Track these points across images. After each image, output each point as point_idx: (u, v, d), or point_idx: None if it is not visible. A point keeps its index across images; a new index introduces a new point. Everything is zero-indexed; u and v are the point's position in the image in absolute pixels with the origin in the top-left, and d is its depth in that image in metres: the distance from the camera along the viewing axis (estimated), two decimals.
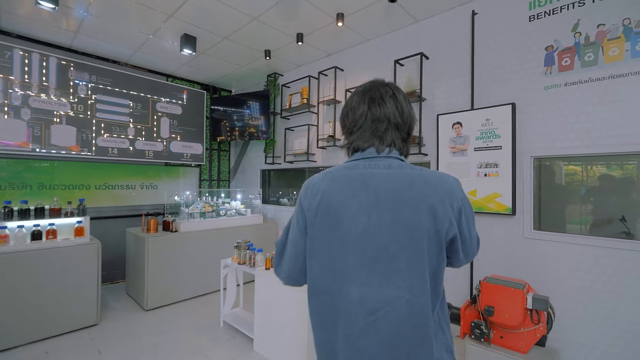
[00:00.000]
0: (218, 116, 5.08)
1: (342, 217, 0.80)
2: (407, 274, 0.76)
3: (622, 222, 2.21)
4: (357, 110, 0.89)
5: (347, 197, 0.81)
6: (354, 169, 0.85)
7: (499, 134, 2.57)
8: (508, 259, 2.54)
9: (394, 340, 0.76)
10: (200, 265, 3.81)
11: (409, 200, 0.78)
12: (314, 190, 0.87)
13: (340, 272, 0.80)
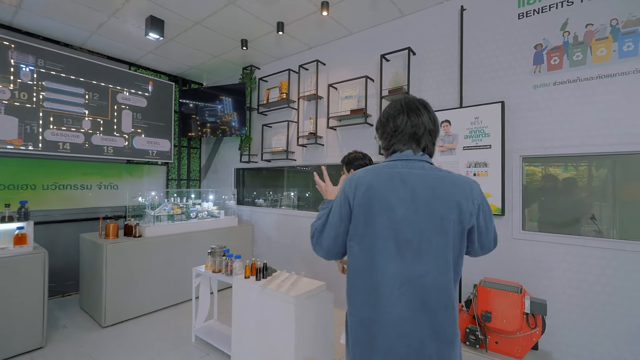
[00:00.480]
0: (188, 111, 4.69)
1: (384, 207, 0.97)
2: (435, 255, 0.95)
3: (592, 220, 2.25)
4: (398, 119, 1.05)
5: (388, 191, 0.98)
6: (393, 168, 1.02)
7: (489, 133, 2.51)
8: (497, 261, 2.49)
9: (422, 306, 0.94)
10: (169, 274, 3.45)
11: (440, 196, 0.96)
12: (359, 183, 1.01)
13: (379, 251, 0.96)
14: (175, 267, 3.51)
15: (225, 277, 2.48)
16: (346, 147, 3.45)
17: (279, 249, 4.13)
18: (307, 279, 2.32)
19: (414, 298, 0.94)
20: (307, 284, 2.20)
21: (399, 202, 0.96)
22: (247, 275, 2.35)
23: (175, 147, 4.86)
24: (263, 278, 2.32)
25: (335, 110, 3.49)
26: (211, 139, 5.19)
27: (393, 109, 1.07)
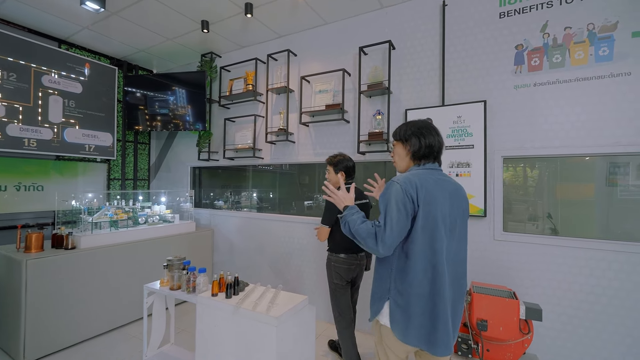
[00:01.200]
0: (135, 101, 4.08)
1: (437, 204, 1.25)
2: (462, 237, 1.36)
3: (549, 219, 2.33)
4: (431, 138, 1.36)
5: (437, 192, 1.27)
6: (431, 175, 1.31)
7: (471, 132, 2.46)
8: (478, 263, 2.45)
9: (457, 276, 1.32)
10: (112, 292, 2.90)
11: (458, 195, 1.36)
12: (419, 186, 1.25)
13: (437, 238, 1.24)
14: (121, 283, 2.96)
15: (186, 296, 2.09)
16: (320, 144, 3.22)
17: (243, 256, 3.76)
18: (285, 293, 2.04)
19: (453, 269, 1.31)
20: (288, 300, 1.92)
21: (443, 200, 1.28)
22: (215, 293, 1.99)
23: (118, 142, 4.20)
24: (234, 295, 1.99)
25: (308, 105, 3.24)
26: (163, 134, 4.60)
27: (425, 129, 1.37)
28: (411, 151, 1.37)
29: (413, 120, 1.44)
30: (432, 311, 1.23)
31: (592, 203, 2.22)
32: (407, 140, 1.38)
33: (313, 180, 3.56)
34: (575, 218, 2.27)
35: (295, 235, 3.35)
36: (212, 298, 1.96)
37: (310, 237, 3.25)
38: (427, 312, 1.23)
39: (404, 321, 1.26)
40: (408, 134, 1.38)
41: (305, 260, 3.28)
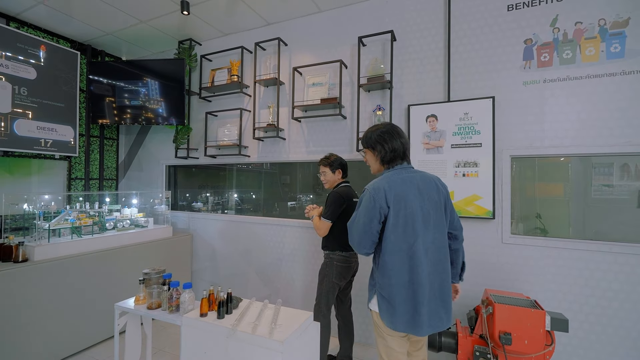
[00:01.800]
0: (101, 90, 3.61)
1: (407, 202, 1.41)
2: (438, 227, 1.45)
3: (538, 219, 2.29)
4: (394, 142, 1.51)
5: (406, 191, 1.42)
6: (399, 175, 1.47)
7: (479, 130, 2.33)
8: (486, 267, 2.33)
9: (437, 261, 1.43)
10: (75, 310, 2.49)
11: (431, 188, 1.48)
12: (385, 190, 1.42)
13: (410, 232, 1.39)
14: (86, 300, 2.56)
15: (169, 316, 1.78)
16: (314, 142, 2.98)
17: (227, 263, 3.44)
18: (286, 309, 1.79)
19: (433, 256, 1.42)
20: (291, 318, 1.67)
21: (413, 196, 1.41)
22: (204, 312, 1.70)
23: (81, 137, 3.71)
24: (227, 314, 1.71)
25: (300, 98, 2.99)
26: (133, 128, 4.15)
27: (388, 135, 1.51)
28: (379, 157, 1.53)
29: (377, 125, 1.59)
30: (413, 298, 1.38)
31: (605, 204, 2.17)
32: (374, 148, 1.55)
33: (295, 180, 3.32)
34: (587, 220, 2.21)
35: (286, 239, 3.09)
36: (200, 319, 1.66)
37: (302, 241, 3.01)
38: (409, 299, 1.39)
39: (389, 310, 1.41)
40: (373, 142, 1.55)
41: (297, 266, 3.04)
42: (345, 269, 2.19)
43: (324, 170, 2.27)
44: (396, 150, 1.49)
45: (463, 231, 1.59)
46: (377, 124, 1.61)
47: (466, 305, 2.35)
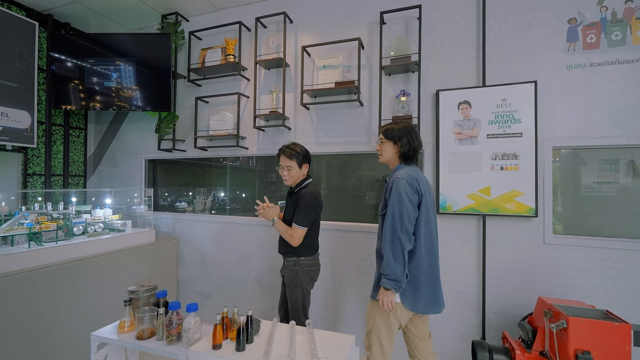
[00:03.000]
0: (64, 71, 3.04)
1: (426, 193, 1.57)
2: (435, 219, 1.67)
3: (583, 217, 2.09)
4: (418, 141, 1.67)
5: (425, 184, 1.60)
6: (416, 170, 1.63)
7: (519, 119, 2.09)
8: (528, 271, 2.10)
9: (435, 245, 1.62)
10: (35, 340, 1.97)
11: (430, 186, 1.68)
12: (417, 179, 1.56)
13: (432, 222, 1.61)
14: (50, 326, 2.04)
15: (168, 348, 1.36)
16: (324, 132, 2.63)
17: (220, 271, 3.00)
18: (319, 332, 1.43)
19: (435, 242, 1.63)
20: (331, 345, 1.32)
21: (429, 190, 1.63)
22: (218, 343, 1.30)
23: (41, 125, 3.11)
24: (248, 343, 1.32)
25: (308, 82, 2.63)
26: (105, 116, 3.58)
27: (414, 134, 1.66)
28: (401, 151, 1.64)
29: (401, 122, 1.71)
30: (433, 279, 1.58)
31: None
32: (399, 140, 1.64)
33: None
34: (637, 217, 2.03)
35: None
36: (214, 352, 1.27)
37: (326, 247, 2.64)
38: (430, 281, 1.56)
39: (413, 294, 1.54)
40: (400, 136, 1.64)
41: None
42: (316, 272, 2.02)
43: (289, 164, 1.91)
44: (417, 149, 1.65)
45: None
46: (398, 121, 1.75)
47: (510, 314, 2.11)
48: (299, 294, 1.94)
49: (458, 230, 2.26)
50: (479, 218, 2.20)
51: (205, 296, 3.04)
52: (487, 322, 2.16)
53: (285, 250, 1.97)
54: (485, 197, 2.15)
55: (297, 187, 1.97)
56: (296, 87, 2.71)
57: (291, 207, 1.93)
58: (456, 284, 2.26)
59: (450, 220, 2.27)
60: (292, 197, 1.97)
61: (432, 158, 2.32)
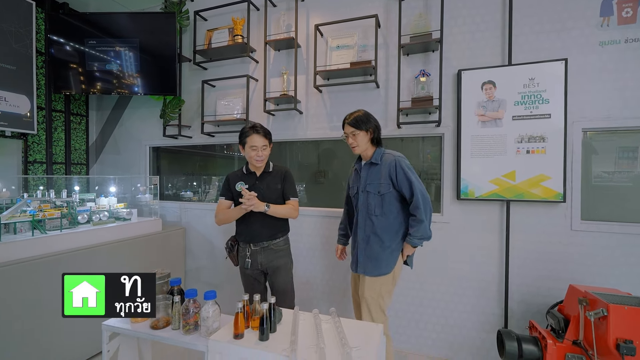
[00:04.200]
0: (64, 55, 2.91)
1: None
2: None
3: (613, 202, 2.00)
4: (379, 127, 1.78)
5: None
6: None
7: (547, 99, 1.98)
8: (553, 259, 2.02)
9: None
10: (43, 329, 1.89)
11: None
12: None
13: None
14: (56, 316, 1.96)
15: (185, 337, 1.28)
16: (338, 115, 2.52)
17: (229, 262, 2.90)
18: (345, 321, 1.35)
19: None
20: (359, 334, 1.24)
21: None
22: (240, 332, 1.21)
23: (41, 111, 2.99)
24: (272, 332, 1.24)
25: (321, 64, 2.50)
26: (107, 102, 3.45)
27: (372, 116, 1.76)
28: (373, 137, 1.72)
29: (364, 113, 1.74)
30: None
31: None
32: (370, 128, 1.71)
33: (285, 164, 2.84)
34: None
35: (303, 231, 2.63)
36: (236, 342, 1.18)
37: (321, 232, 2.56)
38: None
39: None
40: (367, 123, 1.70)
41: (315, 261, 2.59)
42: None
43: (266, 144, 1.81)
44: (380, 131, 1.77)
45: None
46: (356, 111, 1.75)
47: (534, 304, 2.03)
48: (291, 274, 1.95)
49: (480, 217, 2.17)
50: (502, 204, 2.11)
51: (214, 286, 2.96)
52: (510, 311, 2.09)
53: (273, 232, 1.86)
54: (510, 182, 2.05)
55: (266, 168, 1.89)
56: (308, 68, 2.59)
57: (273, 187, 1.87)
58: (477, 273, 2.18)
59: (471, 206, 2.18)
60: (265, 179, 1.87)
61: (453, 142, 2.22)
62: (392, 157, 1.68)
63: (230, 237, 2.00)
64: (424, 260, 2.27)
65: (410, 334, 2.33)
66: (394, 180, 1.65)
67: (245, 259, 1.86)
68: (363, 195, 1.73)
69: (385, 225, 1.68)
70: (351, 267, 1.83)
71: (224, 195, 1.91)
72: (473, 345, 2.19)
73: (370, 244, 1.70)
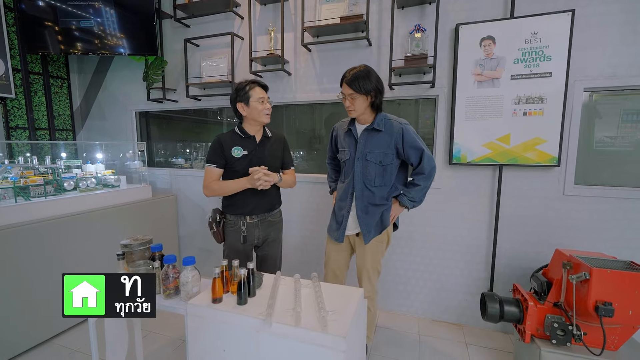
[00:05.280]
0: (35, 11, 2.70)
1: None
2: None
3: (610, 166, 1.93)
4: (383, 90, 1.59)
5: None
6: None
7: (549, 56, 1.85)
8: (543, 224, 2.00)
9: None
10: (30, 293, 1.93)
11: None
12: None
13: None
14: (43, 282, 1.99)
15: (165, 302, 1.29)
16: (328, 77, 2.39)
17: None
18: (325, 286, 1.35)
19: None
20: (337, 298, 1.24)
21: None
22: (218, 297, 1.21)
23: (17, 73, 2.84)
24: (250, 296, 1.24)
25: (310, 19, 2.32)
26: (88, 64, 3.28)
27: (381, 84, 1.57)
28: (374, 102, 1.54)
29: (365, 70, 1.53)
30: None
31: None
32: (369, 94, 1.52)
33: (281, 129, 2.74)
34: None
35: (295, 198, 2.60)
36: (214, 306, 1.19)
37: (313, 198, 2.54)
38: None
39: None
40: (369, 88, 1.50)
41: (308, 227, 2.60)
42: None
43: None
44: (383, 95, 1.59)
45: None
46: (357, 66, 1.53)
47: (520, 267, 2.05)
48: (281, 244, 1.87)
49: (471, 182, 2.12)
50: (494, 168, 2.05)
51: (208, 252, 3.00)
52: (495, 275, 2.11)
53: (273, 203, 1.74)
54: (504, 146, 1.97)
55: (265, 133, 1.72)
56: (296, 25, 2.40)
57: (275, 154, 1.72)
58: (465, 237, 2.17)
59: (463, 171, 2.12)
60: (266, 144, 1.69)
61: (447, 103, 2.11)
62: (398, 124, 1.56)
63: (213, 209, 1.74)
64: (414, 224, 2.26)
65: (397, 295, 2.38)
66: (399, 150, 1.56)
67: (241, 234, 1.68)
68: (360, 164, 1.61)
69: (384, 194, 1.63)
70: (333, 235, 1.73)
71: (215, 162, 1.61)
72: (459, 306, 2.24)
73: (370, 213, 1.63)
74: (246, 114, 1.62)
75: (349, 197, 1.66)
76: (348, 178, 1.67)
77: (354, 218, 1.67)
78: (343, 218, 1.68)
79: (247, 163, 1.62)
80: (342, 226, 1.70)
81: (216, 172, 1.63)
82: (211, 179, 1.63)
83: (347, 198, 1.67)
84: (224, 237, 1.74)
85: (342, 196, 1.69)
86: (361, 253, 1.69)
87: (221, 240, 1.75)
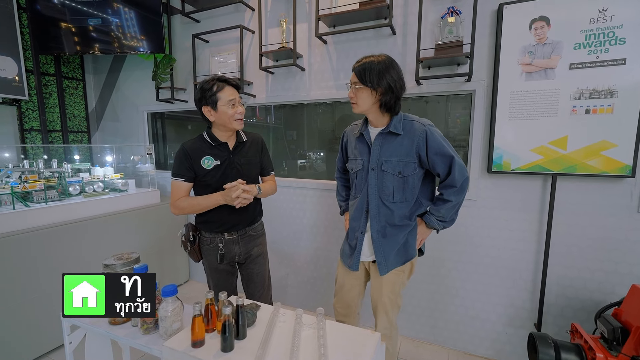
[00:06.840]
0: (48, 11, 2.65)
1: None
2: None
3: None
4: (401, 80, 1.25)
5: None
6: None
7: (623, 38, 1.47)
8: (609, 248, 1.62)
9: None
10: (19, 311, 1.82)
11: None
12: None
13: None
14: (42, 293, 1.88)
15: (142, 338, 1.08)
16: (346, 71, 2.12)
17: None
18: (332, 324, 1.09)
19: None
20: (347, 343, 0.97)
21: None
22: (198, 339, 0.99)
23: (30, 75, 2.81)
24: (239, 339, 1.01)
25: (325, 7, 2.06)
26: (102, 65, 3.22)
27: (397, 70, 1.24)
28: (382, 102, 1.23)
29: (385, 61, 1.22)
30: None
31: None
32: (377, 88, 1.21)
33: (302, 134, 2.48)
34: None
35: (307, 206, 2.36)
36: (193, 351, 0.96)
37: (323, 207, 2.28)
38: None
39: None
40: (382, 84, 1.20)
41: (320, 238, 2.34)
42: None
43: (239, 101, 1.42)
44: (400, 96, 1.25)
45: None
46: (377, 55, 1.24)
47: (579, 299, 1.68)
48: (268, 261, 1.65)
49: (515, 194, 1.77)
50: (546, 178, 1.69)
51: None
52: (545, 306, 1.75)
53: (253, 216, 1.53)
54: (560, 151, 1.61)
55: (239, 137, 1.49)
56: (310, 14, 2.16)
57: (253, 160, 1.51)
58: (507, 260, 1.83)
59: (505, 180, 1.78)
60: (241, 151, 1.47)
61: (486, 100, 1.77)
62: (420, 126, 1.24)
63: (185, 225, 1.51)
64: (444, 242, 1.95)
65: (424, 322, 2.07)
66: (422, 157, 1.25)
67: (218, 253, 1.46)
68: (375, 175, 1.30)
69: (405, 212, 1.30)
70: (346, 262, 1.43)
71: (182, 175, 1.38)
72: (497, 340, 1.90)
73: (387, 237, 1.31)
74: (214, 119, 1.38)
75: (364, 216, 1.35)
76: (361, 193, 1.35)
77: (369, 241, 1.36)
78: (357, 241, 1.38)
79: (221, 175, 1.40)
80: (356, 251, 1.38)
81: (184, 187, 1.40)
82: (179, 195, 1.40)
83: (362, 217, 1.36)
84: (202, 256, 1.53)
85: (356, 215, 1.38)
86: (377, 285, 1.38)
87: (198, 260, 1.54)
